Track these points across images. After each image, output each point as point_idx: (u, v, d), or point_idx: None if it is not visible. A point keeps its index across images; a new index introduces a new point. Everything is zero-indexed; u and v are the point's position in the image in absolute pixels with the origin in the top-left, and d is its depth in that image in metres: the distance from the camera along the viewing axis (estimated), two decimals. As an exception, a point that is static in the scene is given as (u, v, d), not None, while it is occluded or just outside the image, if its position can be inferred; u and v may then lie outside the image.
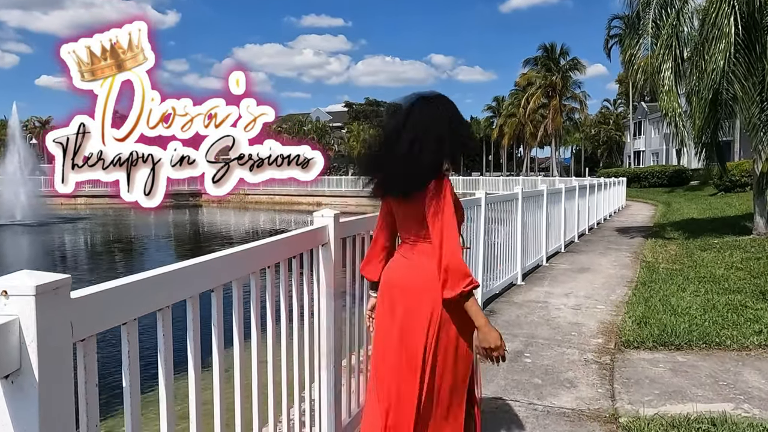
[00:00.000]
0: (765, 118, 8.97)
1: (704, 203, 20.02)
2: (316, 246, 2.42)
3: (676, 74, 10.04)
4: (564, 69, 48.74)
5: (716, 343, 4.40)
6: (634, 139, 49.89)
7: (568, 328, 5.08)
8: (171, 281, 1.39)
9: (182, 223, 30.91)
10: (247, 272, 1.83)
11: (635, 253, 9.66)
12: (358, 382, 2.93)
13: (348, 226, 2.70)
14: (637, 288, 6.65)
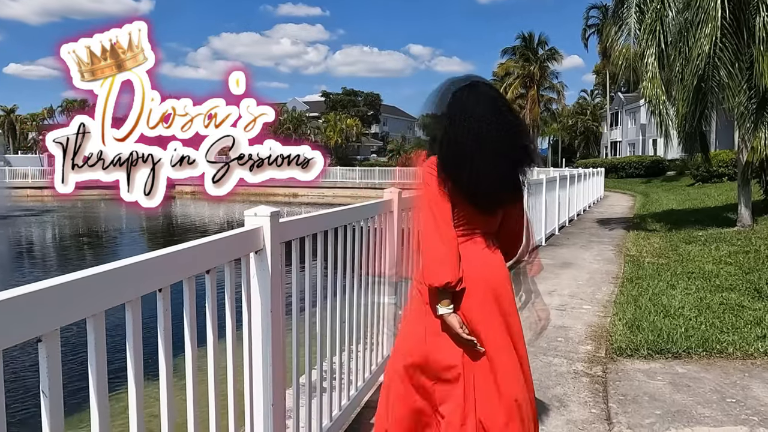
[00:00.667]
0: (752, 107, 8.62)
1: (682, 194, 19.88)
2: (245, 254, 1.88)
3: (660, 60, 9.63)
4: (542, 59, 48.51)
5: (717, 350, 3.97)
6: (611, 130, 50.00)
7: (554, 333, 4.61)
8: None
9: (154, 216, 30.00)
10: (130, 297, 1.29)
11: (618, 246, 9.29)
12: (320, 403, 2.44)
13: (291, 227, 2.16)
14: (624, 285, 6.23)
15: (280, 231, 2.03)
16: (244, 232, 1.86)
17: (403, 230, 3.75)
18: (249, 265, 1.90)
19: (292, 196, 39.35)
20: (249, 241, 1.89)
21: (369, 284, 3.25)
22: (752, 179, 9.85)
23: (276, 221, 1.99)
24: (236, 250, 1.81)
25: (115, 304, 1.21)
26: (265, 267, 1.95)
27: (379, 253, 3.39)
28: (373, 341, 3.44)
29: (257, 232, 1.92)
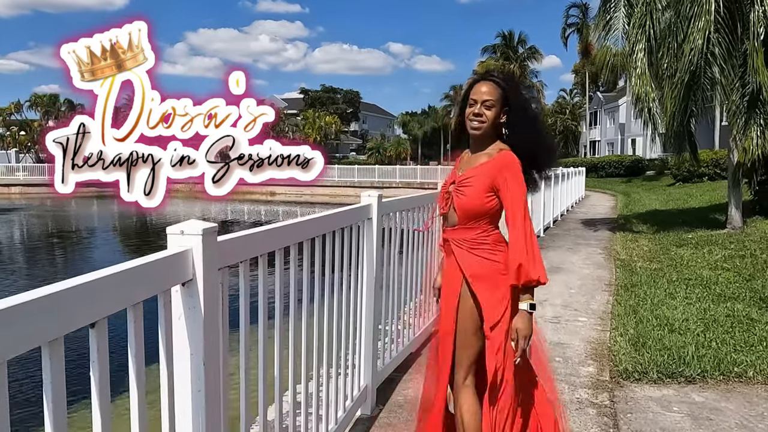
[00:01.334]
0: (745, 105, 8.30)
1: (664, 194, 19.73)
2: (165, 289, 1.35)
3: (650, 56, 9.27)
4: (522, 57, 48.41)
5: (735, 374, 3.54)
6: (590, 129, 50.13)
7: (551, 352, 4.14)
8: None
9: (127, 214, 29.03)
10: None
11: (606, 249, 8.91)
12: None
13: (234, 247, 1.64)
14: (619, 293, 5.82)
15: (220, 253, 1.51)
16: (163, 258, 1.33)
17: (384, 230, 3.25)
18: (169, 304, 1.38)
19: (270, 194, 38.58)
20: (172, 269, 1.36)
21: (343, 300, 2.74)
22: (743, 180, 9.55)
23: (212, 241, 1.46)
24: (150, 285, 1.28)
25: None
26: (196, 303, 1.42)
27: (354, 270, 2.88)
28: (349, 366, 2.94)
29: (184, 257, 1.39)
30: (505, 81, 2.12)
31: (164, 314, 1.35)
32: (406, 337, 3.88)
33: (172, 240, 1.42)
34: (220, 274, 1.56)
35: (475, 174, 2.08)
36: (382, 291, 3.35)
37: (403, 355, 3.80)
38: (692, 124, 9.75)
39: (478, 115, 2.06)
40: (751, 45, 7.73)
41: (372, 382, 3.15)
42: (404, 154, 54.62)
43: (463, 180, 2.10)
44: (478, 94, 2.07)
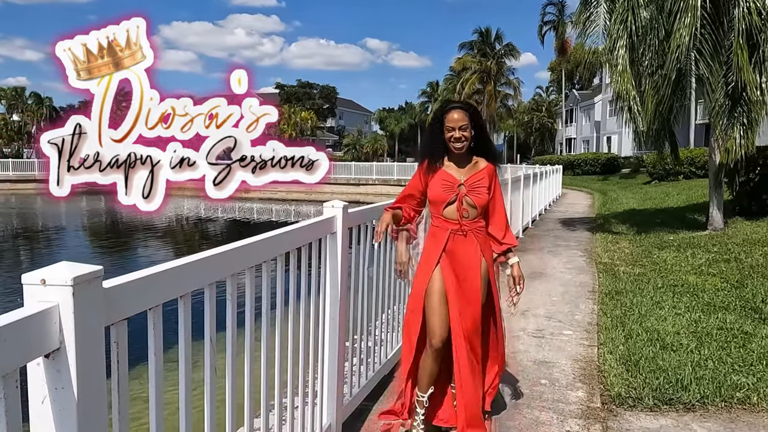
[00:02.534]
0: (728, 104, 8.08)
1: (641, 192, 19.67)
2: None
3: (631, 53, 9.01)
4: (499, 54, 48.26)
5: (738, 399, 3.23)
6: (566, 127, 50.32)
7: (536, 372, 3.80)
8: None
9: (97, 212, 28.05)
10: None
11: (587, 252, 8.64)
12: None
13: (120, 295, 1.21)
14: (604, 302, 5.52)
15: (108, 306, 1.09)
16: (11, 323, 0.91)
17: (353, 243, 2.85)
18: (15, 391, 0.95)
19: (244, 191, 37.65)
20: (28, 337, 0.93)
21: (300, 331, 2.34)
22: (723, 181, 9.37)
23: (92, 291, 1.04)
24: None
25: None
26: (65, 382, 1.01)
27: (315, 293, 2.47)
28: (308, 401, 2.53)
29: (46, 318, 0.97)
30: (469, 107, 2.80)
31: (5, 406, 0.92)
32: (379, 357, 3.49)
33: (29, 294, 0.99)
34: (115, 329, 1.14)
35: (482, 177, 2.79)
36: (350, 306, 2.96)
37: (374, 381, 3.40)
38: (673, 122, 9.55)
39: (458, 139, 2.70)
40: (736, 42, 7.50)
41: (336, 419, 2.75)
42: (381, 151, 54.21)
43: (475, 183, 2.77)
44: (453, 122, 2.70)
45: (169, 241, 18.57)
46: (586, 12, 9.35)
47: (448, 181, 2.75)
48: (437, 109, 2.83)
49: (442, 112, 2.75)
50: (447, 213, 2.77)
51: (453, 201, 2.74)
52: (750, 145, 8.21)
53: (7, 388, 0.92)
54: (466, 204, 2.75)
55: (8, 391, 0.92)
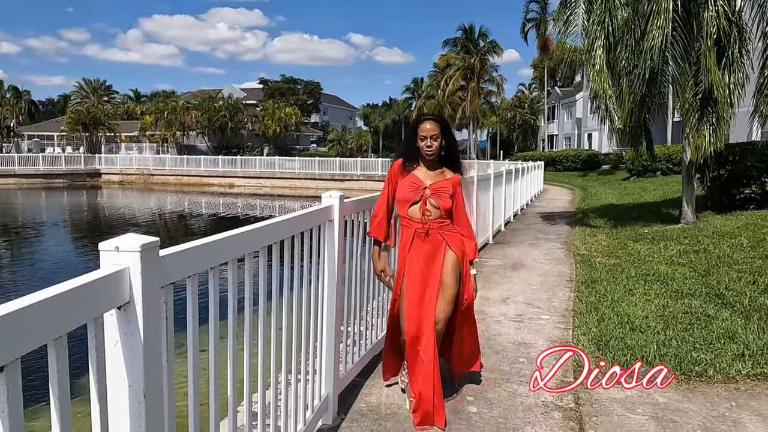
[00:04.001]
0: (697, 104, 8.47)
1: (619, 188, 20.18)
2: (97, 316, 1.17)
3: (608, 52, 9.37)
4: (483, 51, 48.68)
5: (696, 373, 3.57)
6: (548, 123, 50.98)
7: (514, 352, 4.11)
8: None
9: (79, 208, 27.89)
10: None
11: (566, 244, 9.00)
12: None
13: (178, 262, 1.48)
14: (580, 290, 5.85)
15: (162, 270, 1.34)
16: (95, 280, 1.16)
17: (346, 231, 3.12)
18: (101, 332, 1.21)
19: (228, 186, 37.80)
20: (105, 292, 1.19)
21: (302, 309, 2.60)
22: (695, 176, 9.78)
23: (152, 257, 1.30)
24: (80, 312, 1.11)
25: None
26: (134, 329, 1.25)
27: (315, 274, 2.73)
28: (309, 374, 2.79)
29: (119, 278, 1.22)
30: (440, 119, 3.12)
31: (95, 344, 1.18)
32: (369, 339, 3.76)
33: (105, 258, 1.25)
34: (164, 292, 1.40)
35: (446, 186, 3.11)
36: (344, 291, 3.21)
37: (367, 358, 3.68)
38: (649, 120, 9.94)
39: (430, 147, 3.04)
40: (705, 44, 7.88)
41: (333, 390, 3.02)
42: (365, 147, 54.37)
43: (440, 188, 3.08)
44: (426, 131, 3.03)
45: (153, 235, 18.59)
46: (566, 12, 9.68)
47: (416, 184, 3.05)
48: (413, 120, 3.18)
49: (417, 122, 3.08)
50: (411, 212, 3.06)
51: (417, 201, 3.03)
52: (719, 142, 8.61)
53: (97, 329, 1.17)
54: (429, 205, 3.03)
55: (97, 332, 1.17)
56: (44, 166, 39.09)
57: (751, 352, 3.79)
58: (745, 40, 8.76)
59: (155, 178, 40.65)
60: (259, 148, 49.22)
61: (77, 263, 12.86)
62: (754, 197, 9.78)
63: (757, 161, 9.63)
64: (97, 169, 41.99)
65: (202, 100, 48.76)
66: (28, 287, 8.09)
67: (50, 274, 11.02)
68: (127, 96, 75.72)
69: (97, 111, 50.22)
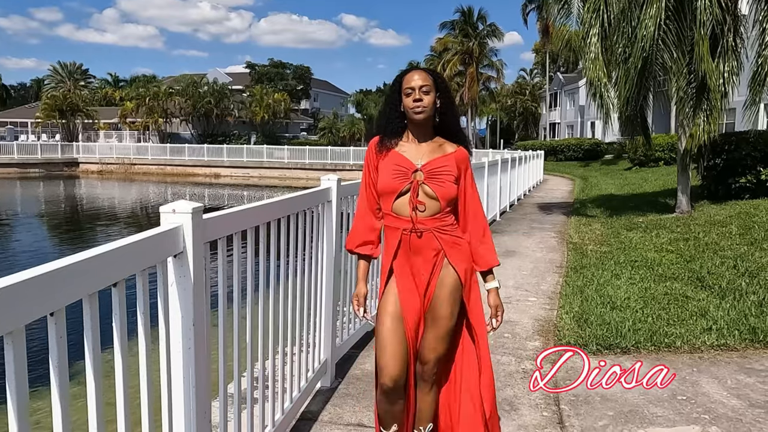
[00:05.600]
0: (692, 92, 9.00)
1: (620, 178, 20.77)
2: (162, 259, 1.68)
3: (603, 41, 9.88)
4: (482, 35, 49.15)
5: (665, 344, 4.10)
6: (550, 111, 51.59)
7: (500, 329, 4.60)
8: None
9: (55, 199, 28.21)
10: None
11: (560, 233, 9.54)
12: None
13: (217, 224, 1.97)
14: (569, 275, 6.38)
15: (204, 230, 1.84)
16: (160, 233, 1.66)
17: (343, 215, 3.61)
18: (166, 272, 1.70)
19: (214, 176, 38.20)
20: (166, 243, 1.68)
21: (305, 280, 3.10)
22: (690, 165, 10.34)
23: (199, 219, 1.79)
24: (151, 255, 1.60)
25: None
26: (186, 272, 1.75)
27: (315, 252, 3.23)
28: (310, 341, 3.29)
29: (176, 233, 1.72)
30: (432, 71, 2.37)
31: (162, 281, 1.68)
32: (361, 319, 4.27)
33: (164, 218, 1.74)
34: (205, 248, 1.89)
35: (447, 164, 2.30)
36: (340, 274, 3.71)
37: (360, 333, 4.19)
38: (645, 109, 10.47)
39: (419, 101, 2.24)
40: (698, 33, 8.41)
41: (331, 356, 3.53)
42: (358, 135, 54.79)
43: (437, 168, 2.28)
44: (413, 82, 2.26)
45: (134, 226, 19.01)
46: (561, 0, 10.18)
47: (402, 166, 2.28)
48: (396, 77, 2.38)
49: (400, 75, 2.34)
50: (397, 207, 2.29)
51: (406, 191, 2.27)
52: (713, 130, 9.15)
53: (162, 268, 1.67)
54: (422, 194, 2.26)
55: (162, 273, 1.67)
56: (19, 154, 39.30)
57: (718, 326, 4.33)
58: (740, 29, 9.30)
59: (136, 167, 40.96)
60: (247, 136, 49.58)
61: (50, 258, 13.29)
62: (749, 187, 10.35)
63: (752, 150, 10.19)
64: (74, 158, 42.21)
65: (186, 85, 48.98)
66: None
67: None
68: (105, 81, 75.78)
69: (75, 97, 50.33)
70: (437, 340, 2.29)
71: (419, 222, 2.26)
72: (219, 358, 2.10)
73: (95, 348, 1.33)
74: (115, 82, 75.87)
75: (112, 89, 65.59)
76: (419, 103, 2.24)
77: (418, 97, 2.24)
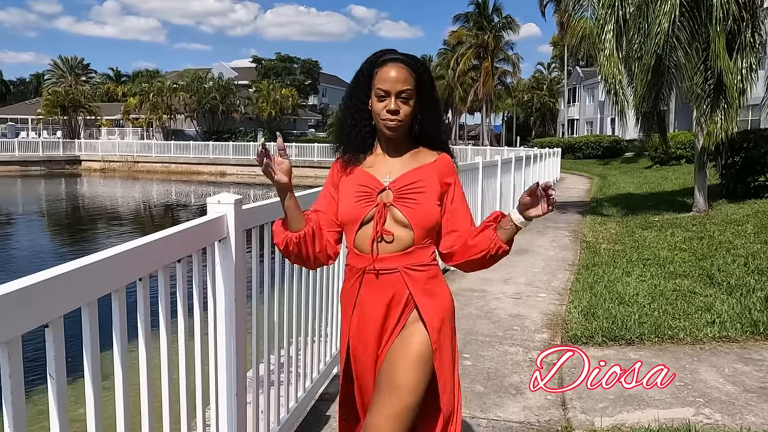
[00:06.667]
0: (708, 89, 9.30)
1: (640, 177, 21.02)
2: (210, 243, 2.06)
3: (618, 38, 10.20)
4: (497, 27, 49.49)
5: (669, 336, 4.44)
6: (569, 107, 51.76)
7: (510, 322, 4.99)
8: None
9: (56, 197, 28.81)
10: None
11: (574, 232, 9.86)
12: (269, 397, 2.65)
13: (253, 214, 2.35)
14: (580, 272, 6.71)
15: (243, 218, 2.21)
16: (208, 221, 2.04)
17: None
18: (214, 254, 2.09)
19: (220, 174, 38.77)
20: (213, 229, 2.06)
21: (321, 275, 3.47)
22: (708, 163, 10.62)
23: (239, 208, 2.17)
24: (202, 239, 1.98)
25: (106, 291, 1.39)
26: (229, 255, 2.13)
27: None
28: (327, 332, 3.66)
29: (221, 221, 2.10)
30: (414, 61, 1.85)
31: (211, 261, 2.06)
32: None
33: (210, 207, 2.12)
34: (243, 233, 2.27)
35: (423, 176, 1.85)
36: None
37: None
38: (661, 106, 10.77)
39: (394, 113, 1.79)
40: (714, 30, 8.70)
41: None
42: (368, 132, 55.10)
43: (410, 185, 1.83)
44: (390, 82, 1.78)
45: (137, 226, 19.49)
46: (576, -5, 10.52)
47: (366, 186, 1.86)
48: (364, 63, 1.88)
49: (372, 65, 1.84)
50: (360, 241, 1.87)
51: (370, 219, 1.84)
52: (731, 128, 9.44)
53: (210, 250, 2.05)
54: (391, 220, 1.83)
55: (210, 255, 2.05)
56: (20, 152, 40.07)
57: (722, 320, 4.66)
58: (758, 25, 9.58)
59: (140, 165, 41.60)
60: (253, 133, 50.14)
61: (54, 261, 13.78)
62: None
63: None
64: (76, 155, 42.96)
65: (190, 80, 49.67)
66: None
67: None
68: (106, 76, 76.78)
69: (77, 92, 51.17)
70: (386, 418, 1.74)
71: (379, 259, 1.82)
72: (252, 343, 2.49)
73: (166, 314, 1.71)
74: (117, 77, 76.90)
75: (114, 84, 66.50)
76: (394, 117, 1.79)
77: (394, 108, 1.78)
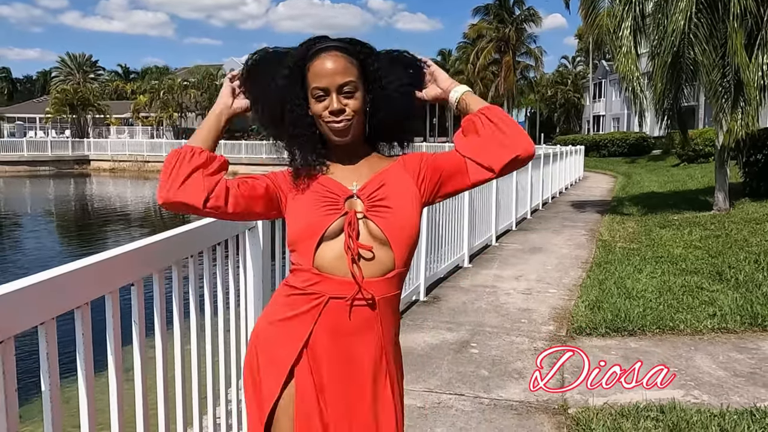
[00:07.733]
0: (727, 85, 9.63)
1: (666, 175, 21.25)
2: (242, 231, 2.53)
3: (637, 34, 10.56)
4: (519, 20, 49.74)
5: (669, 327, 4.84)
6: (594, 102, 51.81)
7: (518, 315, 5.41)
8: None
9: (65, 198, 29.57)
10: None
11: (591, 231, 10.23)
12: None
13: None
14: (592, 270, 7.11)
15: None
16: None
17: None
18: (245, 240, 2.56)
19: (232, 174, 38.49)
20: (244, 219, 2.53)
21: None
22: (730, 161, 10.93)
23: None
24: (235, 227, 2.45)
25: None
26: (257, 242, 2.60)
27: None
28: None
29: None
30: (354, 47, 1.60)
31: (242, 246, 2.54)
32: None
33: (242, 201, 2.59)
34: (269, 224, 2.74)
35: (393, 178, 1.64)
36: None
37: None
38: (681, 103, 11.10)
39: (339, 112, 1.55)
40: (731, 26, 9.03)
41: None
42: (384, 129, 55.58)
43: (378, 191, 1.61)
44: (326, 77, 1.54)
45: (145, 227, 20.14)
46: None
47: (331, 192, 1.60)
48: (296, 53, 1.61)
49: (302, 58, 1.58)
50: (324, 259, 1.57)
51: (338, 232, 1.56)
52: (751, 125, 9.76)
53: (242, 237, 2.52)
54: (366, 234, 1.57)
55: (242, 239, 2.52)
56: (28, 152, 41.09)
57: (723, 313, 5.05)
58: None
59: (150, 165, 42.36)
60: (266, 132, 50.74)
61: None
62: (791, 183, 10.90)
63: (795, 146, 10.75)
64: (85, 155, 43.93)
65: (201, 77, 50.53)
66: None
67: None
68: (115, 73, 78.14)
69: (85, 90, 52.26)
70: None
71: (367, 285, 1.55)
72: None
73: (208, 289, 2.18)
74: (126, 74, 78.28)
75: (123, 82, 67.80)
76: (341, 118, 1.55)
77: (337, 107, 1.54)
